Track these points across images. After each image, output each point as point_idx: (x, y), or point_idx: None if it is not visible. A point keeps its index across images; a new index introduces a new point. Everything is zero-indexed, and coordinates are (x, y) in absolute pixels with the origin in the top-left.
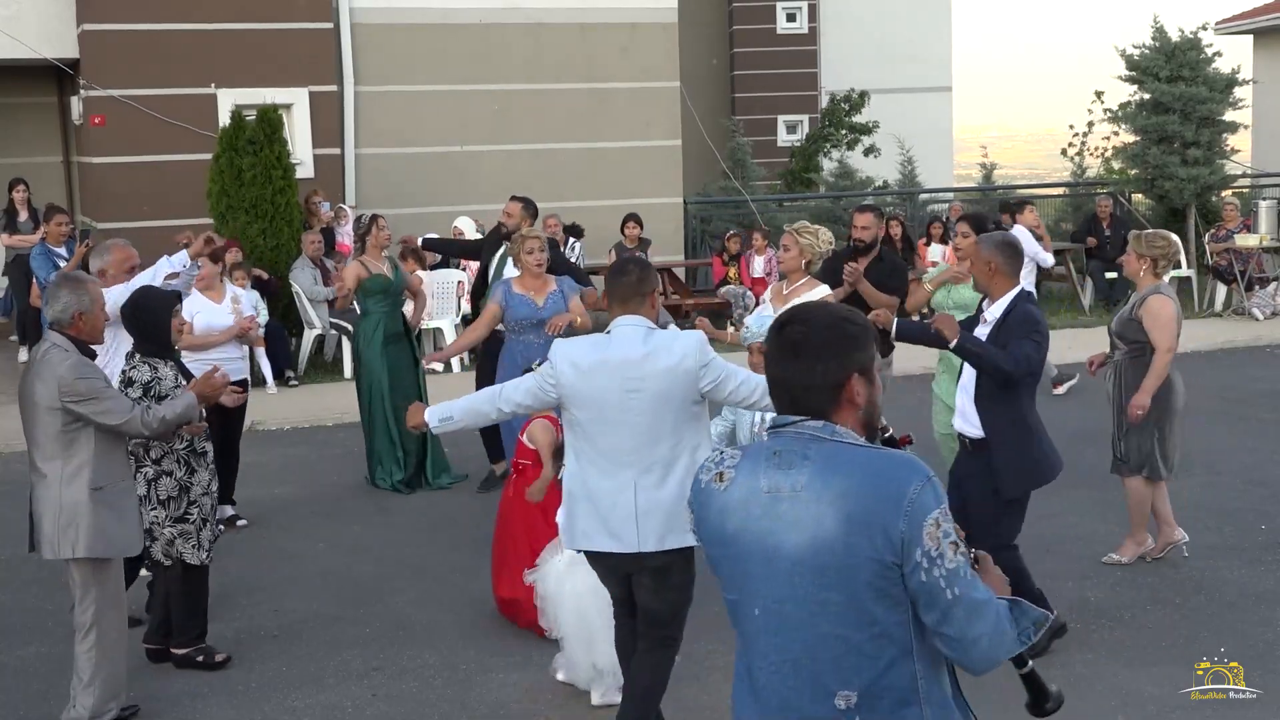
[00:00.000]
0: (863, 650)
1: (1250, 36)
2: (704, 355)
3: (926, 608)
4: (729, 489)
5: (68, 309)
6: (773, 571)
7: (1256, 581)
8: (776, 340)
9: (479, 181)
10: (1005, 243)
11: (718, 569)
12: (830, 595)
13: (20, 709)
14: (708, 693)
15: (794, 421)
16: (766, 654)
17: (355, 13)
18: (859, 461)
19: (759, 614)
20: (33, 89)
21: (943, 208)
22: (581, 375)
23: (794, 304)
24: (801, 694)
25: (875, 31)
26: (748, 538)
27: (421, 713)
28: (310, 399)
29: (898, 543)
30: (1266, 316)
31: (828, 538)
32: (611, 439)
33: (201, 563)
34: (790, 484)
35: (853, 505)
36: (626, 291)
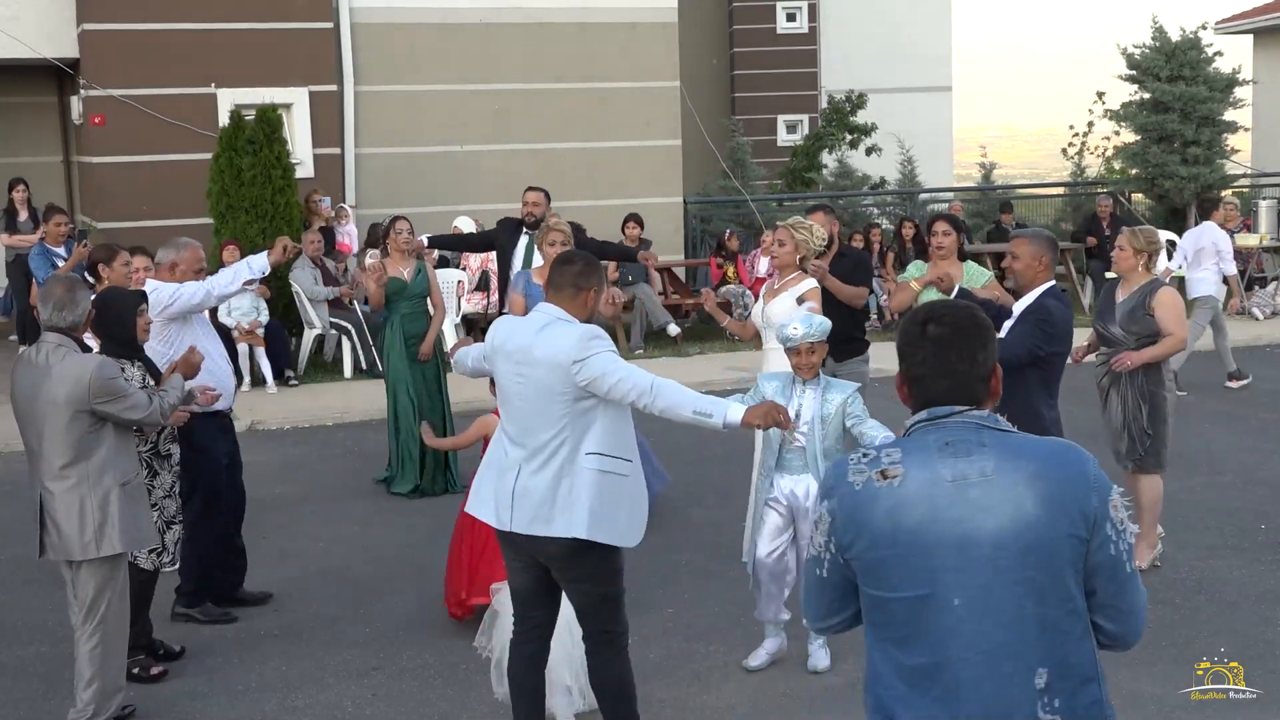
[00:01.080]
0: (1059, 627)
1: (1250, 36)
2: (582, 351)
3: (1108, 580)
4: (902, 485)
5: (86, 312)
6: (969, 559)
7: (1256, 581)
8: (926, 335)
9: (479, 181)
10: (1051, 239)
11: (883, 570)
12: (1035, 574)
13: (20, 709)
14: (708, 692)
15: (956, 411)
16: (973, 643)
17: (355, 13)
18: (1033, 446)
19: (958, 604)
20: (33, 89)
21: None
22: (494, 352)
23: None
24: (1008, 678)
25: (875, 31)
26: (936, 529)
27: (421, 713)
28: (310, 399)
29: (1091, 518)
30: (1266, 316)
31: (1029, 518)
32: (508, 418)
33: (155, 568)
34: (977, 470)
35: (1048, 486)
36: (558, 282)
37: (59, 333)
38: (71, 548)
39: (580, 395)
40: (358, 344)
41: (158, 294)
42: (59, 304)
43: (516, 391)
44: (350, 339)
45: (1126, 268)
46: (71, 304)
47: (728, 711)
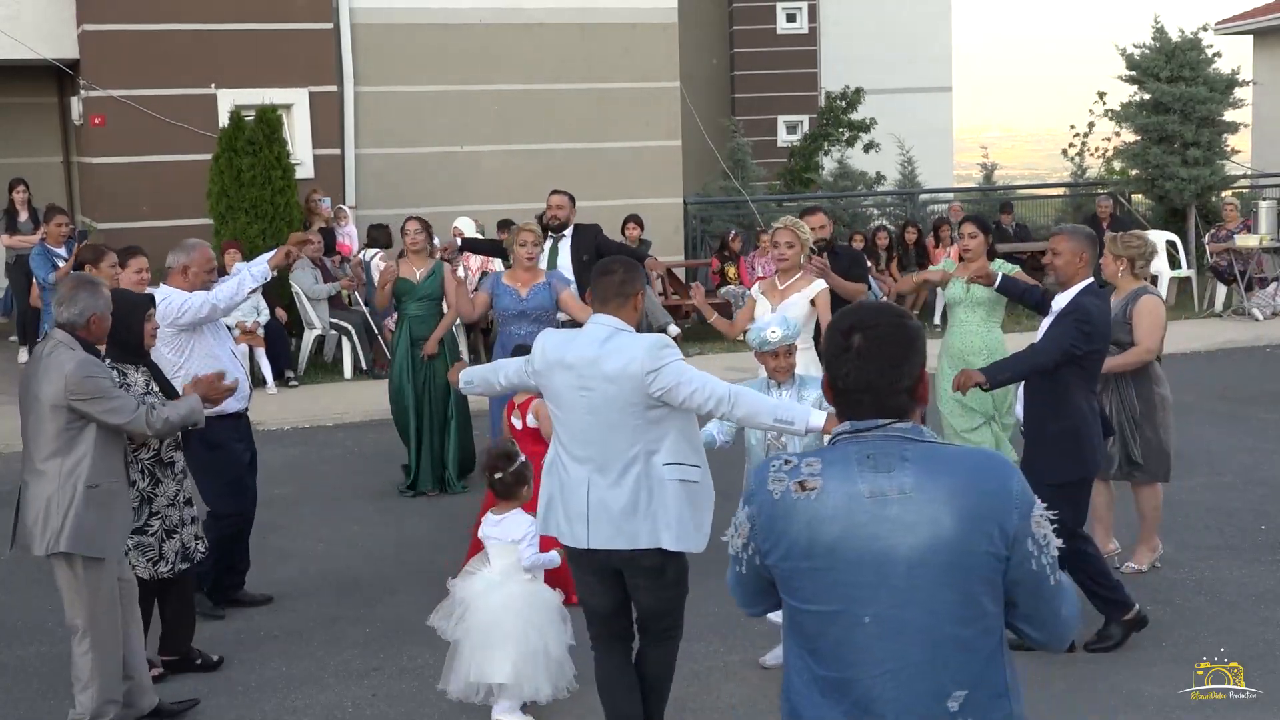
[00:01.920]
0: (972, 646)
1: (1250, 37)
2: (655, 361)
3: (1030, 594)
4: (820, 498)
5: (85, 312)
6: (885, 576)
7: (1256, 581)
8: (848, 346)
9: (479, 181)
10: (1092, 236)
11: (799, 581)
12: (951, 594)
13: (20, 709)
14: (708, 692)
15: (880, 424)
16: (880, 661)
17: (355, 13)
18: (955, 459)
19: (869, 621)
20: (33, 89)
21: (942, 208)
22: (550, 368)
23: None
24: (920, 698)
25: (875, 31)
26: (853, 545)
27: (421, 712)
28: (310, 399)
29: (1010, 535)
30: (1266, 316)
31: (947, 536)
32: (571, 433)
33: (152, 577)
34: (896, 486)
35: (966, 502)
36: (606, 292)
37: (61, 328)
38: (30, 541)
39: (652, 405)
40: (358, 344)
41: (166, 305)
42: (59, 299)
43: (582, 405)
44: (350, 339)
45: (1107, 274)
46: (70, 301)
47: (728, 711)
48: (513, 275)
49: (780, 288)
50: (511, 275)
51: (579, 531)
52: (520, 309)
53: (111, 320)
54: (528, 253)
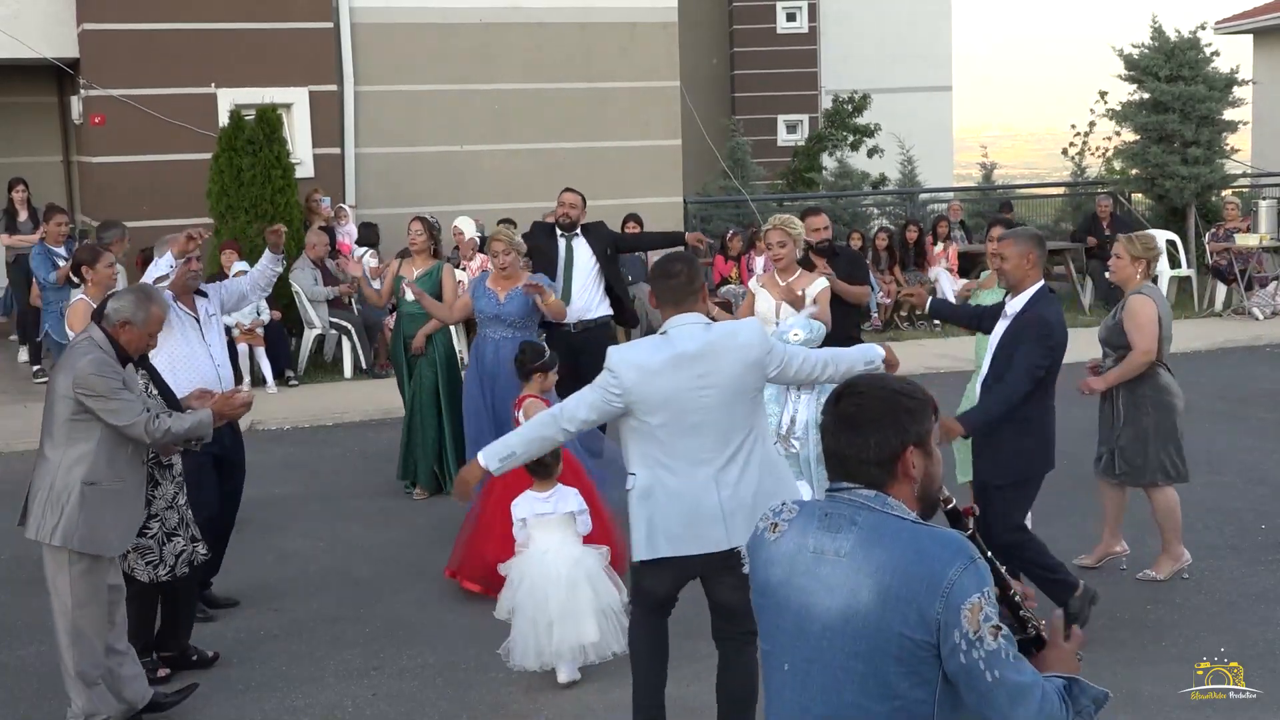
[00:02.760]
0: (872, 716)
1: (1250, 36)
2: (767, 341)
3: (967, 689)
4: (779, 541)
5: (120, 312)
6: (804, 631)
7: (1256, 581)
8: (833, 411)
9: (479, 181)
10: (1037, 237)
11: (758, 615)
12: (855, 664)
13: (20, 709)
14: (709, 692)
15: (848, 487)
16: (790, 709)
17: (355, 12)
18: (904, 536)
19: (787, 669)
20: (33, 89)
21: (942, 207)
22: (649, 378)
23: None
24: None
25: (875, 31)
26: (787, 593)
27: (422, 712)
28: (310, 399)
29: (933, 624)
30: (1266, 316)
31: (861, 608)
32: (686, 439)
33: (151, 580)
34: (835, 547)
35: (890, 579)
36: (679, 293)
37: (97, 325)
38: (30, 524)
39: (761, 387)
40: (358, 344)
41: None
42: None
43: (700, 404)
44: (350, 339)
45: (1124, 277)
46: (114, 299)
47: None
48: (495, 280)
49: (781, 284)
50: (494, 279)
51: (715, 534)
52: (496, 313)
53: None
54: (500, 263)
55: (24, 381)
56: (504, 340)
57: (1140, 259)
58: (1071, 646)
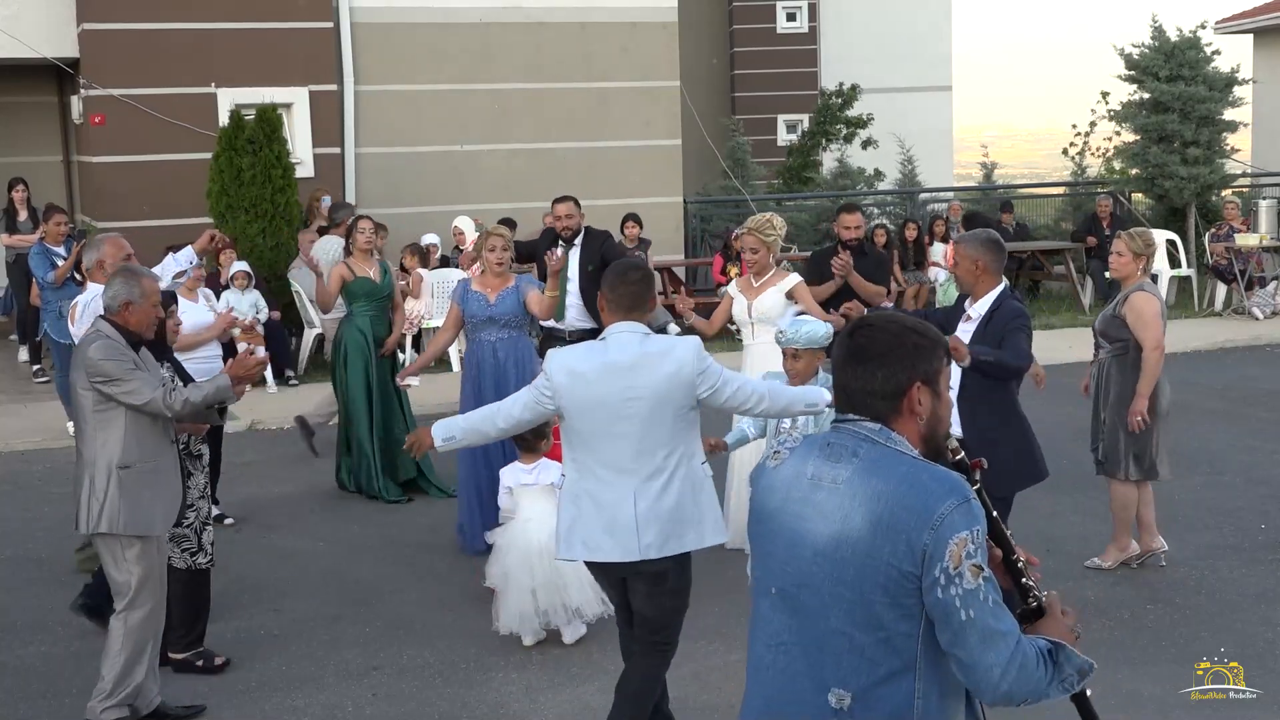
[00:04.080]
0: (864, 653)
1: (1250, 36)
2: (701, 362)
3: (941, 626)
4: (779, 469)
5: (117, 297)
6: (795, 556)
7: (1256, 581)
8: (845, 345)
9: (479, 181)
10: (991, 241)
11: (752, 542)
12: (843, 591)
13: (20, 709)
14: (708, 692)
15: (851, 419)
16: (776, 633)
17: (355, 12)
18: (902, 469)
19: (775, 593)
20: (33, 89)
21: (942, 207)
22: (580, 383)
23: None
24: (798, 681)
25: (875, 31)
26: (782, 518)
27: (422, 712)
28: (310, 398)
29: (919, 554)
30: (1266, 316)
31: (852, 535)
32: (612, 447)
33: (190, 567)
34: (833, 475)
35: (882, 509)
36: (632, 300)
37: (103, 317)
38: (80, 519)
39: (692, 406)
40: None
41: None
42: (105, 286)
43: (627, 414)
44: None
45: (1127, 273)
46: (107, 287)
47: (728, 711)
48: (481, 281)
49: (755, 285)
50: (480, 281)
51: (629, 544)
52: (489, 315)
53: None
54: (497, 258)
55: (24, 381)
56: (501, 341)
57: (1141, 255)
58: (1069, 620)
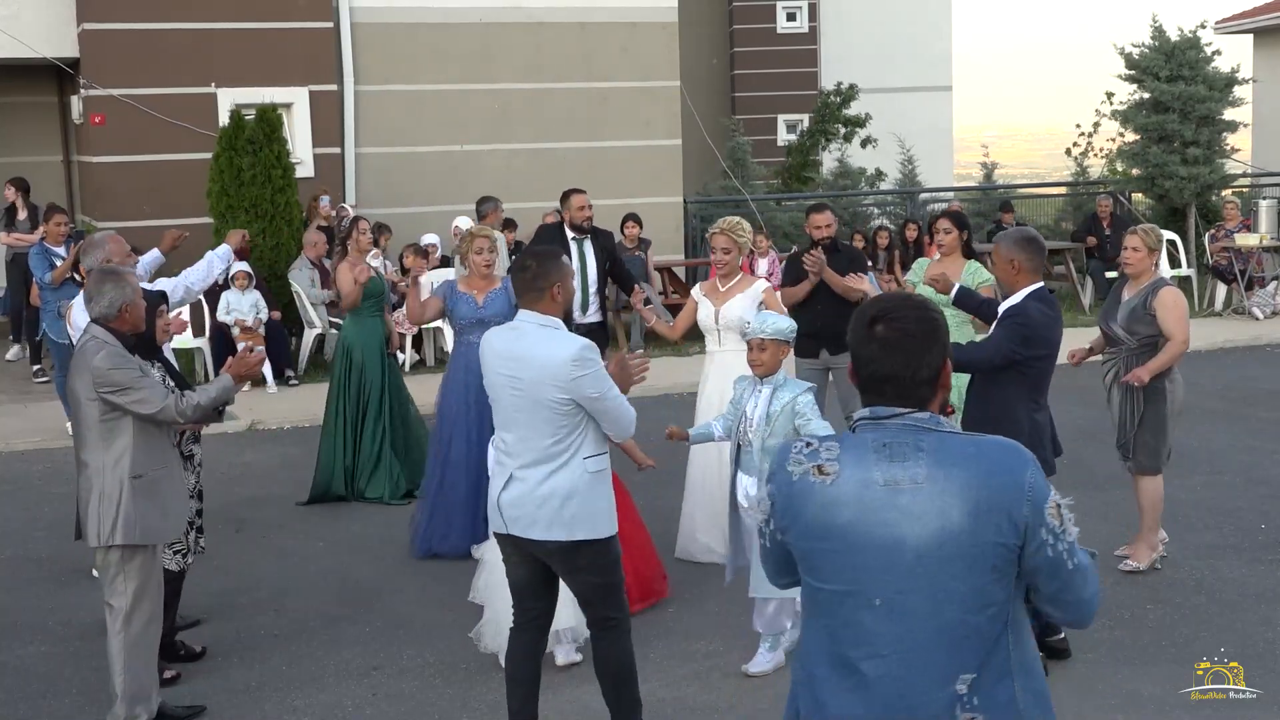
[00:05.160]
0: (980, 631)
1: (1250, 36)
2: (581, 370)
3: (1048, 578)
4: (837, 482)
5: (114, 303)
6: (894, 562)
7: (1256, 581)
8: (878, 337)
9: (479, 181)
10: (1027, 239)
11: (814, 560)
12: (956, 585)
13: (20, 709)
14: (708, 692)
15: (898, 413)
16: (889, 643)
17: (355, 12)
18: (972, 452)
19: (880, 604)
20: (33, 88)
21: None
22: (486, 364)
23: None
24: (923, 679)
25: (875, 31)
26: (864, 530)
27: (422, 712)
28: (310, 398)
29: (1020, 527)
30: (1266, 316)
31: (954, 528)
32: (503, 429)
33: (180, 569)
34: (909, 476)
35: (977, 496)
36: (522, 287)
37: (95, 323)
38: (87, 533)
39: (571, 402)
40: None
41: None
42: (87, 295)
43: (508, 400)
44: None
45: (1142, 268)
46: (98, 295)
47: (728, 711)
48: (468, 282)
49: (721, 290)
50: (467, 282)
51: (496, 520)
52: (478, 317)
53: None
54: (485, 259)
55: (24, 381)
56: None
57: (1155, 250)
58: None
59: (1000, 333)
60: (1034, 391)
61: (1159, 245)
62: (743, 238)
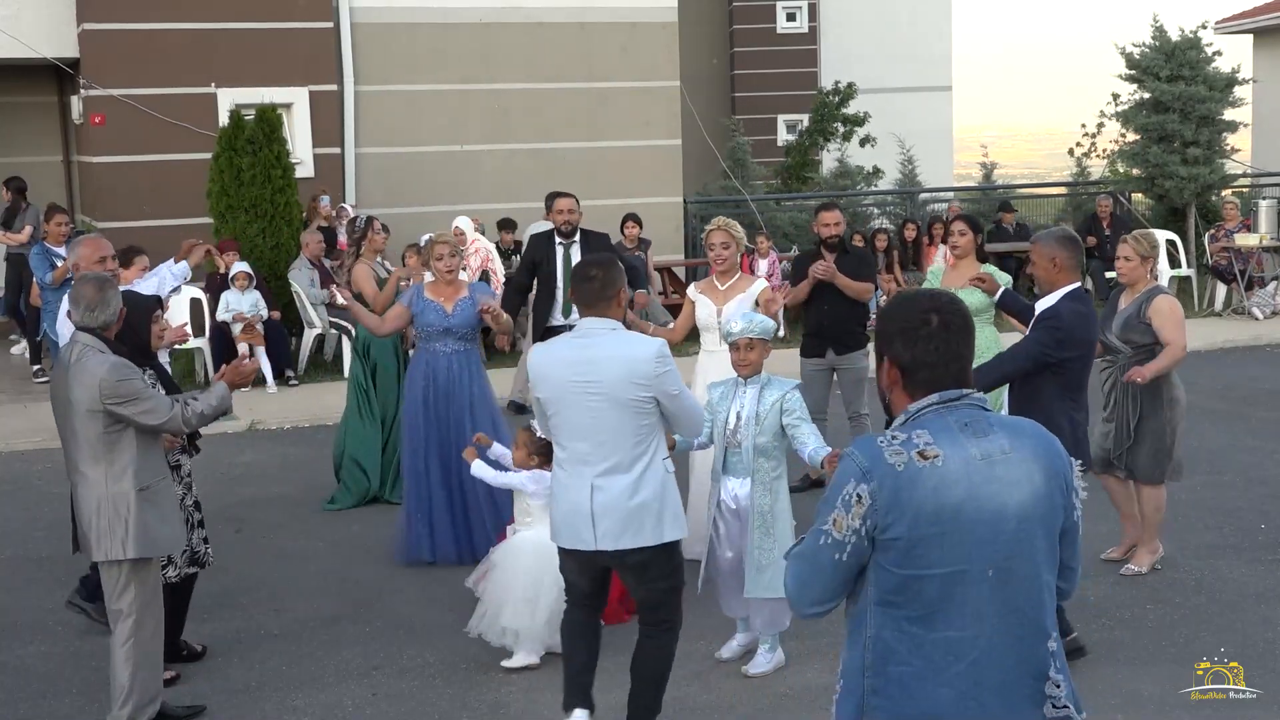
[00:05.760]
0: (1052, 589)
1: (1250, 36)
2: (661, 365)
3: (1070, 543)
4: (945, 464)
5: (113, 311)
6: (999, 531)
7: (1256, 581)
8: (932, 322)
9: (479, 181)
10: (1068, 238)
11: (921, 549)
12: (1043, 544)
13: (20, 709)
14: (709, 692)
15: (964, 394)
16: (998, 612)
17: (355, 12)
18: (1023, 424)
19: (992, 574)
20: (33, 89)
21: (942, 207)
22: (549, 374)
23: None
24: (1029, 642)
25: (875, 31)
26: (975, 504)
27: (422, 712)
28: (310, 398)
29: (1070, 488)
30: (1266, 316)
31: (1040, 491)
32: (575, 440)
33: (167, 581)
34: (999, 447)
35: (1047, 460)
36: (591, 296)
37: (89, 333)
38: (89, 547)
39: (650, 403)
40: None
41: None
42: (90, 304)
43: (587, 407)
44: (350, 338)
45: (1136, 276)
46: (103, 304)
47: (728, 711)
48: (435, 289)
49: (721, 288)
50: (434, 289)
51: (585, 535)
52: (446, 325)
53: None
54: (446, 266)
55: (24, 381)
56: (457, 354)
57: (1148, 257)
58: None
59: (1033, 336)
60: (1073, 391)
61: (1152, 252)
62: (739, 233)
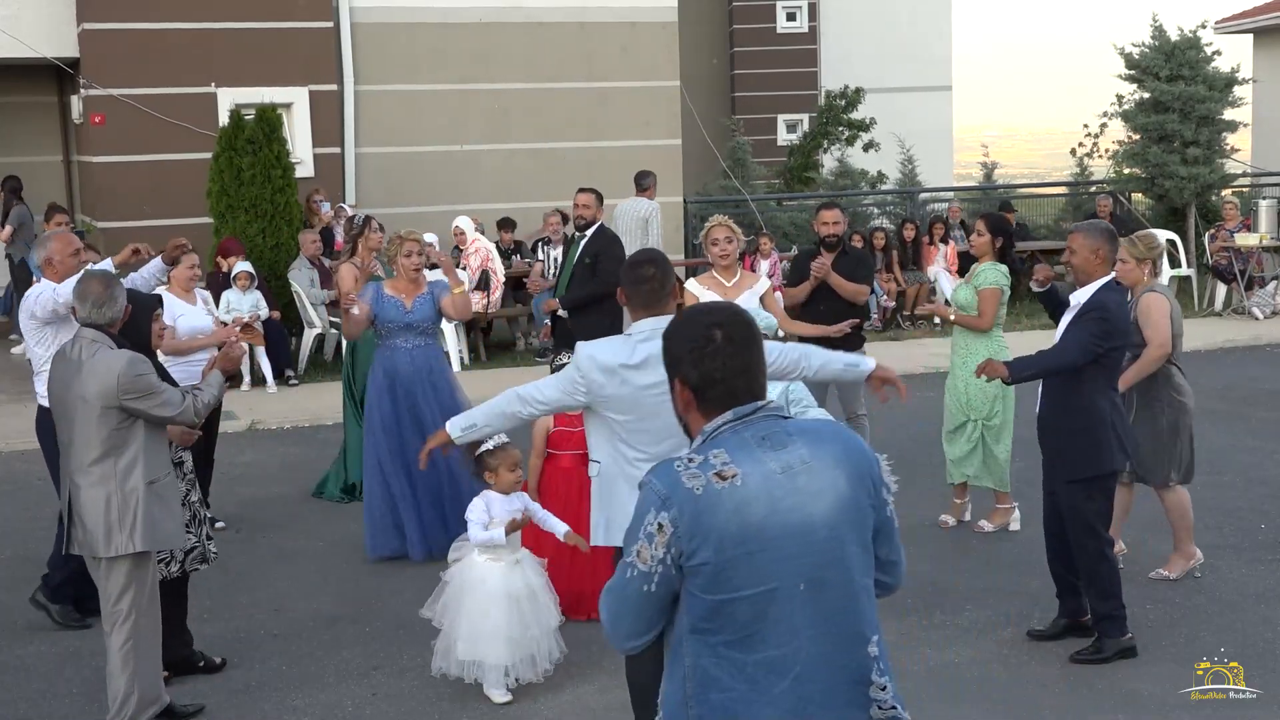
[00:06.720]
0: (870, 592)
1: (1250, 35)
2: None
3: (886, 539)
4: (743, 483)
5: (121, 307)
6: (809, 543)
7: (1256, 581)
8: (717, 338)
9: (479, 181)
10: (1109, 230)
11: (728, 572)
12: (855, 549)
13: (20, 709)
14: None
15: (760, 407)
16: (814, 624)
17: (355, 12)
18: (821, 429)
19: (804, 588)
20: (33, 88)
21: (942, 207)
22: (612, 380)
23: (699, 305)
24: (848, 650)
25: (875, 31)
26: (779, 520)
27: (422, 712)
28: (310, 398)
29: (877, 487)
30: (1266, 316)
31: (844, 496)
32: (650, 442)
33: (165, 577)
34: (798, 457)
35: (849, 464)
36: (649, 297)
37: (95, 329)
38: (95, 544)
39: None
40: None
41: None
42: (97, 301)
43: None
44: None
45: (1133, 280)
46: (110, 300)
47: None
48: (396, 285)
49: (727, 284)
50: (394, 285)
51: None
52: (406, 322)
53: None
54: (414, 264)
55: (24, 381)
56: (417, 349)
57: (1145, 260)
58: None
59: (1080, 329)
60: (1109, 377)
61: (1149, 254)
62: (738, 227)
